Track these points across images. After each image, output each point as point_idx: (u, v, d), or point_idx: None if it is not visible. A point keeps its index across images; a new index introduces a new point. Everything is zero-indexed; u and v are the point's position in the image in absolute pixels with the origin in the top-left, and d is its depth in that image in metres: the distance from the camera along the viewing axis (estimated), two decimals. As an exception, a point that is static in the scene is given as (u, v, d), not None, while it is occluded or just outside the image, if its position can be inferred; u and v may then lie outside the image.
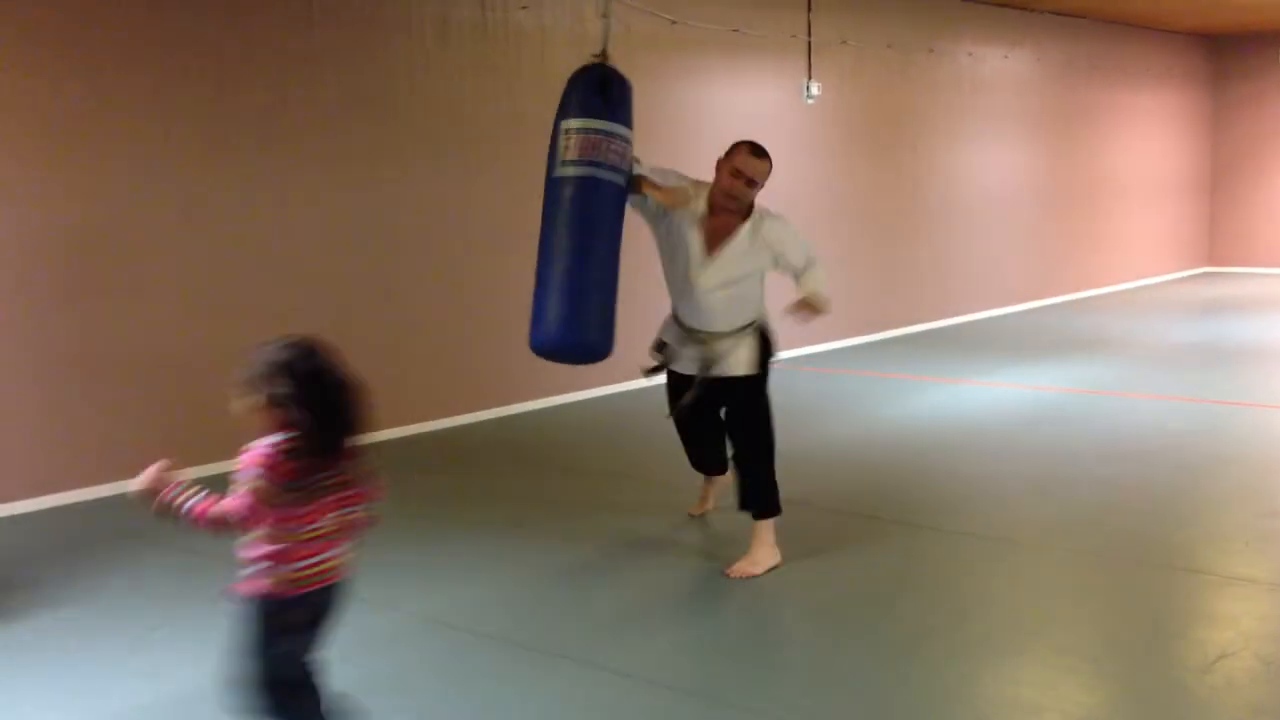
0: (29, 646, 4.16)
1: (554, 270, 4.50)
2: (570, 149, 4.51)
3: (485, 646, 4.06)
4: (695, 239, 4.71)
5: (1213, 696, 3.55)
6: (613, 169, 4.51)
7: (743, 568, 4.70)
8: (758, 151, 4.70)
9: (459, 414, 7.61)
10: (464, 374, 7.65)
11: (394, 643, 4.11)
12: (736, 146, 4.74)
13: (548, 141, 4.72)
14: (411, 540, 5.24)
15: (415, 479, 6.35)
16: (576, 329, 4.49)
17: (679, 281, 4.80)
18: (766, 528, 4.78)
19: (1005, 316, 12.29)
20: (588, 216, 4.50)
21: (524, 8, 7.79)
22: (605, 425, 7.56)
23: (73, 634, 4.25)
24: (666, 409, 5.06)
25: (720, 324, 4.73)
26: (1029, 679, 3.74)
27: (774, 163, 4.77)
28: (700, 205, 4.72)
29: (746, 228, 4.69)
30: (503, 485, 6.24)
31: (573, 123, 4.54)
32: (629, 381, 8.57)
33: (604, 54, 4.73)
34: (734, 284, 4.70)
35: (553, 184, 4.57)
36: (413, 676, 3.85)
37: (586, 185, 4.49)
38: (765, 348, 4.81)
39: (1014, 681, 3.74)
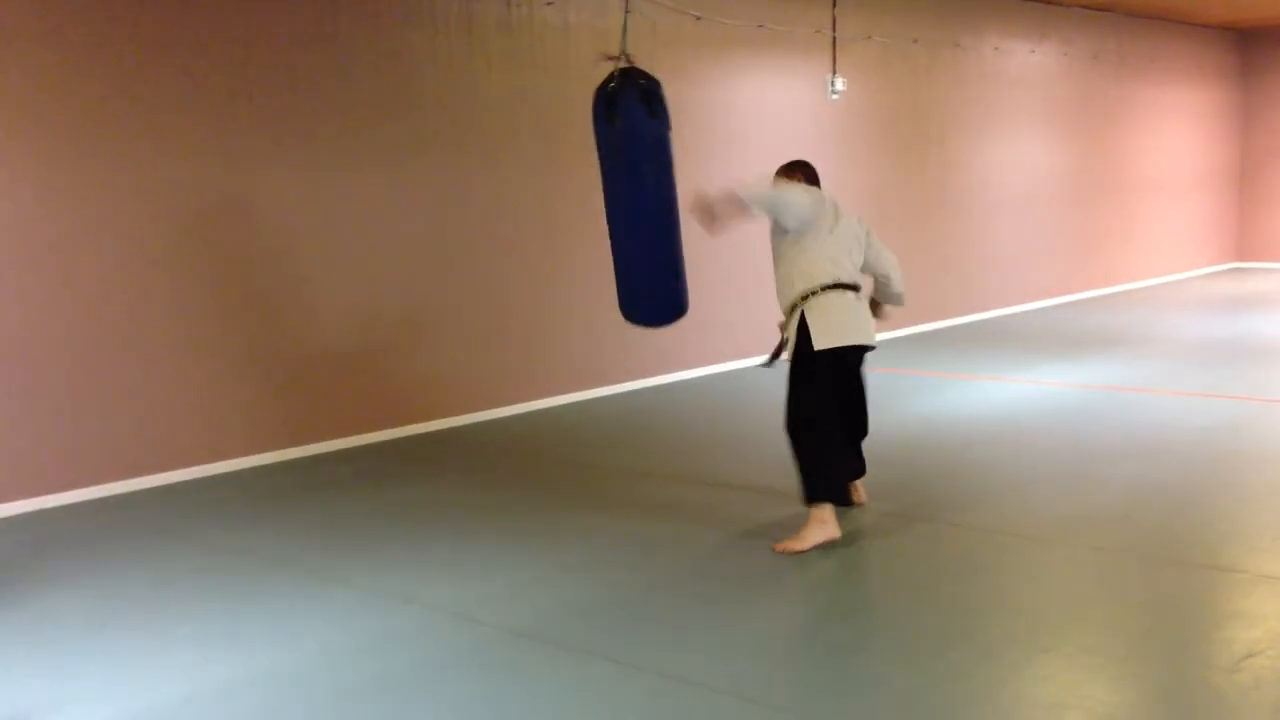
0: (55, 640, 4.20)
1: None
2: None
3: (508, 641, 4.07)
4: None
5: (1240, 696, 3.53)
6: None
7: (786, 543, 4.83)
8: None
9: (482, 409, 7.64)
10: (489, 369, 7.67)
11: (414, 637, 4.13)
12: None
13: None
14: (432, 534, 5.27)
15: (434, 475, 6.38)
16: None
17: None
18: (815, 510, 4.89)
19: (1031, 312, 12.23)
20: None
21: (549, 3, 7.80)
22: (631, 420, 7.57)
23: (99, 629, 4.29)
24: None
25: (780, 303, 5.07)
26: (1055, 677, 3.72)
27: (798, 158, 5.04)
28: None
29: None
30: (526, 480, 6.25)
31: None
32: (653, 376, 8.58)
33: (622, 54, 4.92)
34: (775, 258, 5.07)
35: None
36: (433, 671, 3.86)
37: None
38: (803, 333, 4.93)
39: (1040, 679, 3.73)
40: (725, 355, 9.18)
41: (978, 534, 5.12)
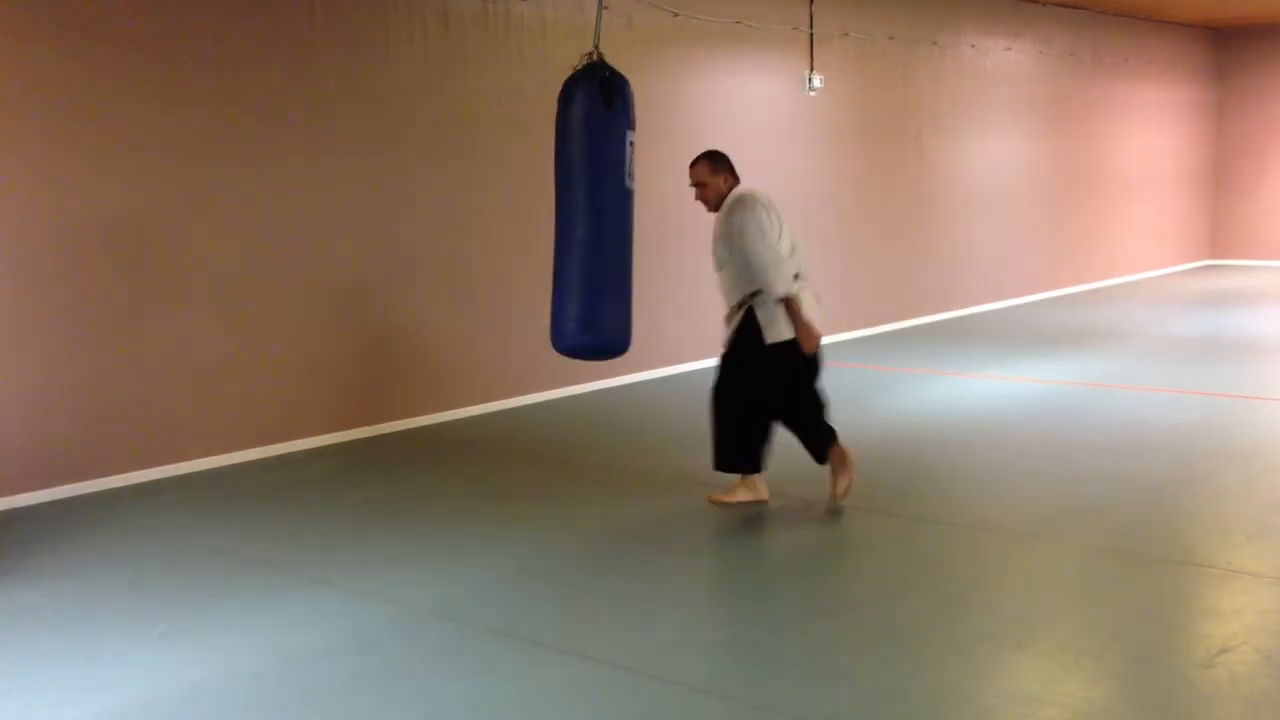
0: (28, 639, 4.15)
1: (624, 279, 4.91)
2: (632, 163, 4.88)
3: (482, 639, 4.05)
4: None
5: (1215, 690, 3.54)
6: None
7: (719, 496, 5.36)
8: (694, 159, 5.32)
9: (452, 408, 7.60)
10: (461, 369, 7.64)
11: (389, 635, 4.10)
12: None
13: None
14: (407, 533, 5.24)
15: (409, 473, 6.35)
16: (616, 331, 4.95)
17: None
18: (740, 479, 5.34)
19: (1007, 309, 12.26)
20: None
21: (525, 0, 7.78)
22: (596, 419, 7.55)
23: (69, 627, 4.24)
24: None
25: (726, 300, 5.30)
26: (1031, 673, 3.73)
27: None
28: None
29: (719, 215, 5.29)
30: (498, 479, 6.23)
31: (632, 135, 4.87)
32: (620, 375, 8.57)
33: (596, 50, 4.91)
34: (722, 265, 5.23)
35: (626, 195, 4.86)
36: (408, 669, 3.83)
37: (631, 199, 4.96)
38: (751, 328, 5.16)
39: (1016, 676, 3.73)
40: (700, 354, 9.17)
41: (954, 530, 5.13)
